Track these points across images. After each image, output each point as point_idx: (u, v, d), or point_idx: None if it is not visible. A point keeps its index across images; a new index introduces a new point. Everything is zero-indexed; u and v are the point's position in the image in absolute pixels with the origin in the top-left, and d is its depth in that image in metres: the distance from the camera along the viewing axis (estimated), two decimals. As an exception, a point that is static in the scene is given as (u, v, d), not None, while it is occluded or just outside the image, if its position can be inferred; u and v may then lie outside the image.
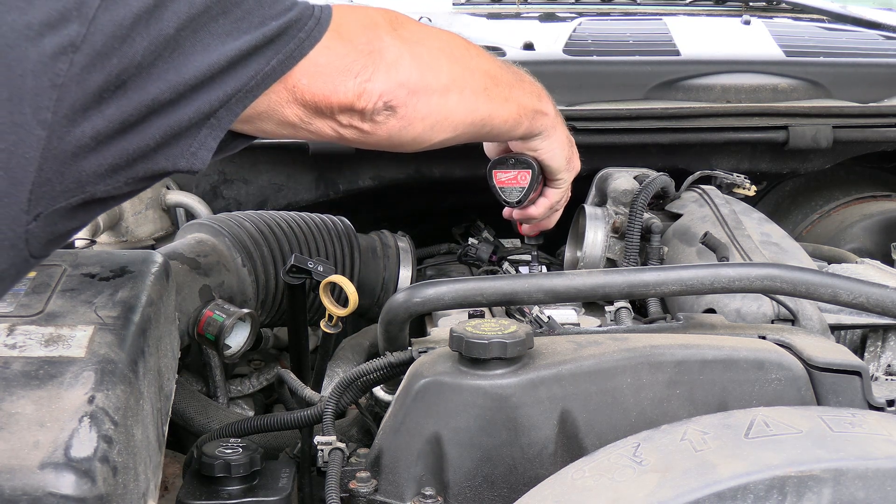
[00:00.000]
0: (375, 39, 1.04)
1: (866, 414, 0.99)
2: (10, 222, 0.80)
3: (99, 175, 0.85)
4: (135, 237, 1.79)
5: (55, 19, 0.79)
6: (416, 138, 1.11)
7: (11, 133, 0.78)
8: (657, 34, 2.21)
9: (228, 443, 1.23)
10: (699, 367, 1.12)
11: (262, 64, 0.92)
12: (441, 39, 1.14)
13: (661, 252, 1.62)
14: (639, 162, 1.84)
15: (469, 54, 1.18)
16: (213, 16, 0.88)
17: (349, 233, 1.73)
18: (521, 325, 1.11)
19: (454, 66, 1.13)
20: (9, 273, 0.83)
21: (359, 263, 1.71)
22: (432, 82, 1.09)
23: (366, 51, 1.02)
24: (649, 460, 0.92)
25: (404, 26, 1.08)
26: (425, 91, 1.08)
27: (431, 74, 1.09)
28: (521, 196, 1.40)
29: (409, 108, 1.07)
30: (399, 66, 1.05)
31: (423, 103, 1.08)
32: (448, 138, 1.16)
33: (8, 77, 0.78)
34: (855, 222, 2.02)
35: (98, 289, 1.14)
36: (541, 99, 1.30)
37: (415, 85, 1.07)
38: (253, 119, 0.98)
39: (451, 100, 1.13)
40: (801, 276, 1.20)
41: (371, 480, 1.12)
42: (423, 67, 1.08)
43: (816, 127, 1.93)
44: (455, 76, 1.13)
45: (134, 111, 0.85)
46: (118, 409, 0.97)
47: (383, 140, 1.09)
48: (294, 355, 1.53)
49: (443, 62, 1.11)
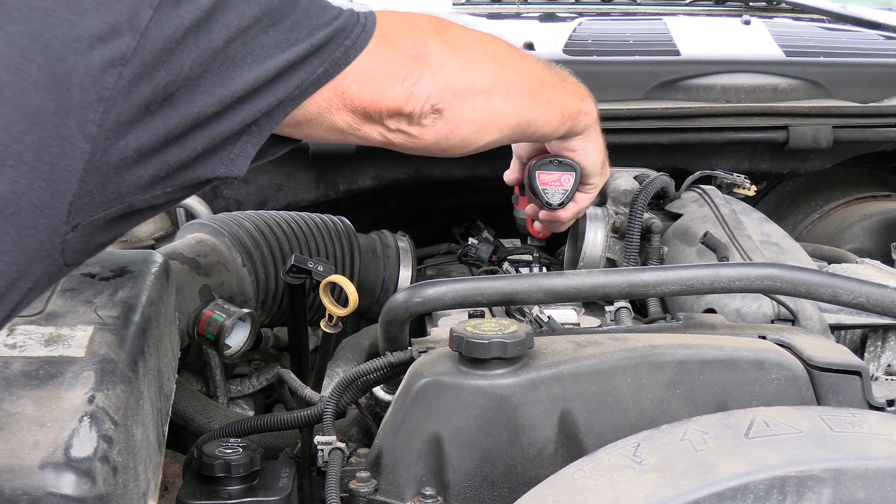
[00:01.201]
0: (420, 44, 1.04)
1: (866, 414, 0.99)
2: (48, 233, 0.80)
3: (139, 186, 0.84)
4: (135, 237, 1.79)
5: (106, 32, 0.78)
6: (462, 141, 1.11)
7: (56, 146, 0.78)
8: (657, 34, 2.21)
9: (228, 443, 1.22)
10: (699, 367, 1.12)
11: (309, 73, 0.92)
12: (484, 42, 1.14)
13: (661, 252, 1.62)
14: (639, 162, 1.84)
15: (512, 56, 1.18)
16: (263, 27, 0.88)
17: (349, 233, 1.73)
18: (521, 325, 1.11)
19: (498, 68, 1.14)
20: (42, 282, 0.83)
21: (359, 263, 1.71)
22: (477, 84, 1.09)
23: (412, 55, 1.02)
24: (649, 460, 0.92)
25: (448, 30, 1.09)
26: (471, 93, 1.09)
27: (476, 76, 1.10)
28: (564, 198, 1.40)
29: (456, 111, 1.07)
30: (444, 69, 1.05)
31: (469, 105, 1.09)
32: (494, 140, 1.17)
33: (55, 90, 0.77)
34: (855, 222, 2.02)
35: (98, 289, 1.14)
36: (584, 100, 1.30)
37: (461, 87, 1.07)
38: (301, 125, 0.98)
39: (497, 101, 1.13)
40: (801, 276, 1.20)
41: (371, 480, 1.12)
42: (467, 70, 1.08)
43: (816, 127, 1.93)
44: (499, 78, 1.13)
45: (179, 124, 0.84)
46: (118, 409, 0.97)
47: (431, 144, 1.09)
48: (294, 355, 1.53)
49: (487, 64, 1.12)
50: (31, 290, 0.82)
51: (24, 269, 0.79)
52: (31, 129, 0.76)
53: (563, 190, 1.40)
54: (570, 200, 1.40)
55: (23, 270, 0.80)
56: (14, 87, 0.76)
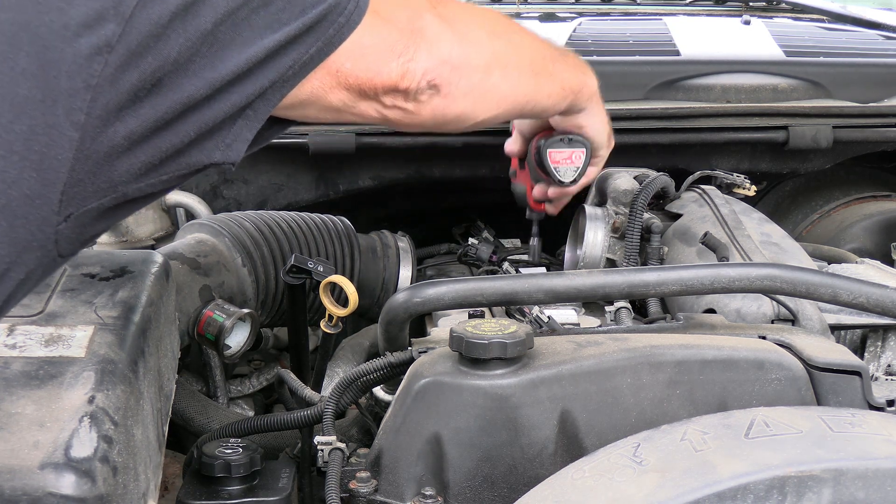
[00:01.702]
0: (416, 18, 1.02)
1: (866, 414, 0.99)
2: (40, 223, 0.79)
3: (132, 174, 0.83)
4: (135, 237, 1.79)
5: (92, 19, 0.77)
6: (459, 115, 1.10)
7: (44, 135, 0.77)
8: (657, 34, 2.21)
9: (228, 443, 1.22)
10: (699, 367, 1.12)
11: (302, 52, 0.90)
12: (482, 16, 1.12)
13: (661, 252, 1.62)
14: (639, 162, 1.84)
15: (511, 30, 1.16)
16: (253, 8, 0.86)
17: (349, 233, 1.73)
18: (521, 325, 1.11)
19: (496, 43, 1.12)
20: (35, 273, 0.82)
21: (359, 263, 1.71)
22: (474, 58, 1.08)
23: (407, 30, 1.00)
24: (649, 460, 0.92)
25: (444, 4, 1.07)
26: (467, 67, 1.07)
27: (473, 50, 1.08)
28: (577, 175, 1.39)
29: (453, 86, 1.06)
30: (440, 43, 1.03)
31: (466, 80, 1.07)
32: (492, 116, 1.15)
33: (42, 79, 0.76)
34: (855, 222, 2.02)
35: (98, 289, 1.14)
36: (585, 73, 1.28)
37: (457, 61, 1.05)
38: (296, 106, 0.96)
39: (495, 76, 1.11)
40: (801, 276, 1.20)
41: (371, 480, 1.12)
42: (464, 44, 1.06)
43: (816, 127, 1.93)
44: (497, 52, 1.11)
45: (169, 110, 0.83)
46: (118, 410, 0.97)
47: (427, 119, 1.07)
48: (294, 355, 1.53)
49: (484, 39, 1.10)
50: (24, 281, 0.82)
51: (15, 259, 0.79)
52: (19, 119, 0.76)
53: (574, 167, 1.39)
54: (582, 177, 1.39)
55: (14, 261, 0.79)
56: (2, 76, 0.75)
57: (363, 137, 1.83)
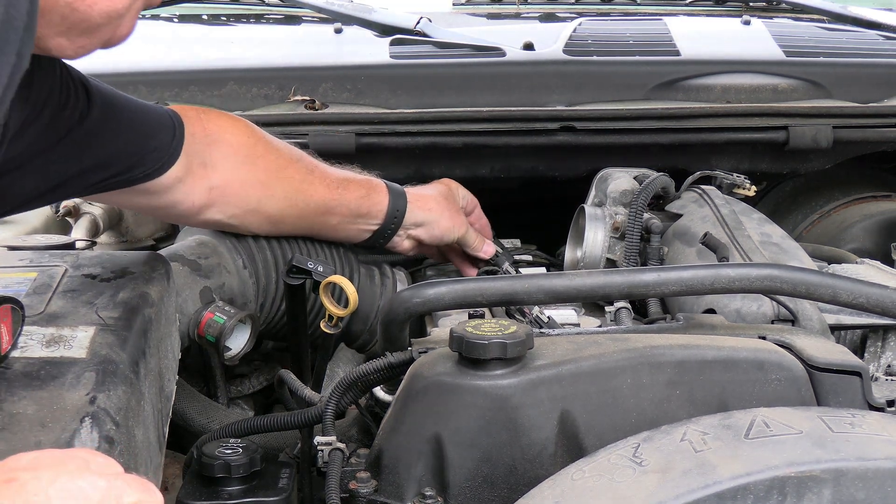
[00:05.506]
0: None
1: (866, 414, 0.99)
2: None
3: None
4: (135, 237, 1.79)
5: None
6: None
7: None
8: (657, 34, 2.21)
9: (228, 443, 1.22)
10: (699, 367, 1.12)
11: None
12: None
13: (661, 252, 1.62)
14: (639, 162, 1.84)
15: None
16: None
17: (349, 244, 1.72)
18: (521, 325, 1.11)
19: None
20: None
21: (357, 276, 1.70)
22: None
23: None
24: (649, 461, 0.92)
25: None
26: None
27: None
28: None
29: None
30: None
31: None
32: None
33: None
34: (855, 222, 2.02)
35: (99, 290, 1.15)
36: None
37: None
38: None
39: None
40: (801, 276, 1.20)
41: (371, 481, 1.12)
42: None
43: (816, 127, 1.93)
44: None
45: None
46: (119, 410, 0.97)
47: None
48: (294, 355, 1.53)
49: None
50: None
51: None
52: None
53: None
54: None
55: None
56: None
57: (363, 137, 1.83)
